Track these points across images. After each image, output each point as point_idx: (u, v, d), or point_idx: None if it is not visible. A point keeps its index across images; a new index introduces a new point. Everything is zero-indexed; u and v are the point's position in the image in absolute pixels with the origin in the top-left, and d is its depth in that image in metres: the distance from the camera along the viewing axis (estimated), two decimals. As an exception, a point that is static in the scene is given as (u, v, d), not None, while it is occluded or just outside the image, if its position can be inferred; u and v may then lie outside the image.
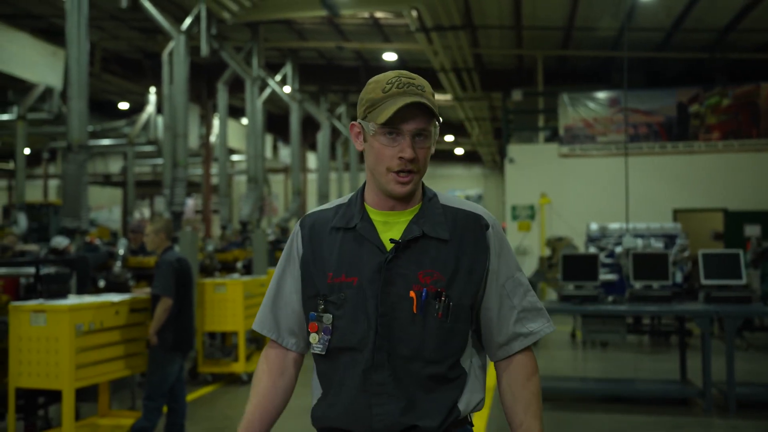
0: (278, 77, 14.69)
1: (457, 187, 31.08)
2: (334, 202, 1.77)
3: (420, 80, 1.64)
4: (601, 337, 7.13)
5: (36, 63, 12.22)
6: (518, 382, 1.70)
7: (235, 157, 21.78)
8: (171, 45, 9.68)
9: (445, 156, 30.07)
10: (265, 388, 1.75)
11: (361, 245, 1.63)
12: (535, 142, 16.05)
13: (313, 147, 21.76)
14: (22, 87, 15.63)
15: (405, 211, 1.66)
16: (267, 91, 13.84)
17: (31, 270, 5.14)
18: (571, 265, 6.81)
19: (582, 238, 11.30)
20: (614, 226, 10.21)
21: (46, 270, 4.93)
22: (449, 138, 25.68)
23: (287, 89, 14.89)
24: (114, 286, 7.04)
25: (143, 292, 5.55)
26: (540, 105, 15.89)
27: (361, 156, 1.91)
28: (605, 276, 9.06)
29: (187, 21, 10.08)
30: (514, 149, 14.80)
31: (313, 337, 1.65)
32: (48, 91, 14.51)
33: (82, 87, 7.00)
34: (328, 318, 1.63)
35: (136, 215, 24.99)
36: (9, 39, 12.03)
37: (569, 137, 14.40)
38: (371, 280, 1.60)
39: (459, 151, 29.15)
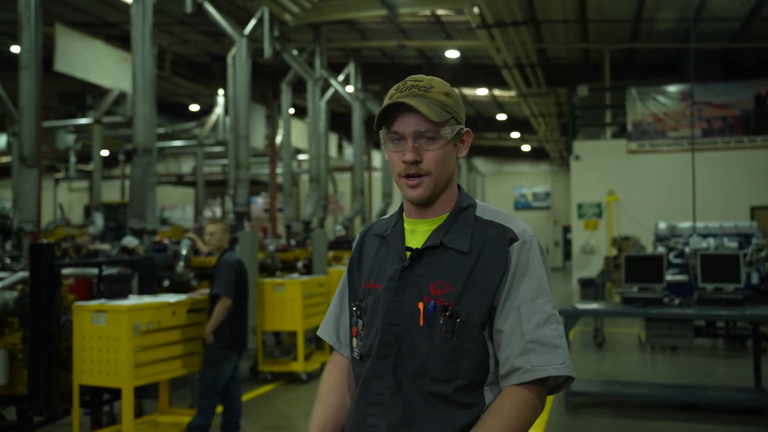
0: (341, 77, 14.79)
1: (524, 185, 30.62)
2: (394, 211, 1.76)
3: (429, 81, 1.58)
4: (666, 341, 6.86)
5: (109, 69, 12.69)
6: (494, 407, 1.49)
7: (301, 157, 22.10)
8: (235, 48, 9.87)
9: (511, 153, 29.66)
10: (324, 411, 1.69)
11: (388, 252, 1.63)
12: (602, 138, 15.61)
13: (377, 146, 21.83)
14: (98, 92, 16.30)
15: (431, 219, 1.61)
16: (330, 91, 13.96)
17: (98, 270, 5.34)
18: (634, 266, 6.57)
19: (651, 237, 10.91)
20: (684, 224, 9.80)
21: (108, 270, 5.10)
22: (515, 135, 25.29)
23: (350, 89, 14.98)
24: (177, 286, 7.23)
25: (200, 293, 5.67)
26: (607, 100, 15.46)
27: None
28: (674, 277, 8.71)
29: (251, 24, 10.27)
30: (580, 146, 14.44)
31: (354, 342, 1.66)
32: (121, 96, 15.08)
33: (147, 91, 7.21)
34: (360, 324, 1.64)
35: (207, 214, 25.68)
36: (85, 46, 12.52)
37: (638, 133, 13.93)
38: (386, 288, 1.57)
39: (526, 147, 28.68)
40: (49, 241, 4.85)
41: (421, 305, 1.52)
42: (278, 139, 17.02)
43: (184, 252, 7.39)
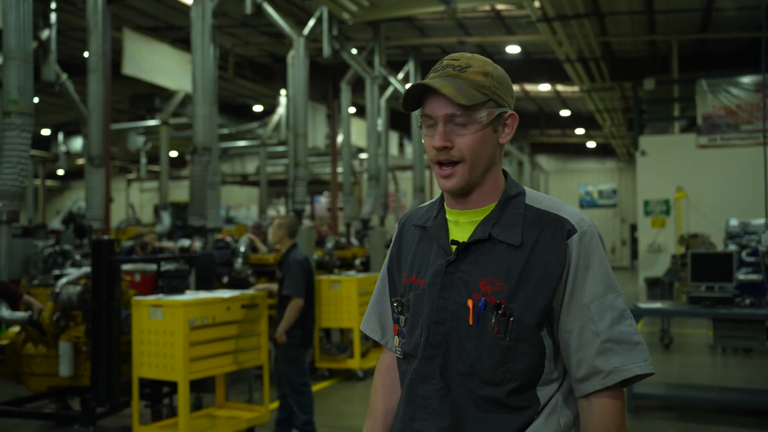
0: (401, 75, 14.76)
1: (589, 182, 29.93)
2: (432, 199, 1.64)
3: (468, 60, 1.47)
4: (736, 343, 6.55)
5: (174, 71, 13.03)
6: (591, 424, 1.42)
7: (362, 156, 22.21)
8: (294, 48, 9.98)
9: (576, 149, 29.04)
10: (377, 411, 1.65)
11: (431, 246, 1.52)
12: (669, 132, 15.09)
13: (438, 143, 21.70)
14: (165, 94, 16.80)
15: (477, 209, 1.49)
16: (390, 90, 13.95)
17: (163, 267, 5.48)
18: (700, 265, 6.30)
19: (722, 234, 10.46)
20: (758, 221, 9.35)
21: (166, 266, 5.22)
22: (580, 131, 24.74)
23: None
24: (236, 282, 7.35)
25: (259, 288, 5.73)
26: (675, 93, 14.93)
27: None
28: (747, 276, 8.31)
29: (310, 23, 10.36)
30: (646, 141, 13.99)
31: (396, 340, 1.56)
32: (187, 97, 15.47)
33: (207, 92, 7.36)
34: (402, 320, 1.54)
35: (271, 213, 26.12)
36: (152, 50, 12.90)
37: (708, 126, 13.39)
38: (431, 284, 1.47)
39: (591, 144, 28.01)
40: (109, 238, 5.00)
41: (470, 302, 1.42)
42: (339, 138, 17.15)
43: (242, 249, 7.51)
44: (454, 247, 1.47)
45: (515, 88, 16.06)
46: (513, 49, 15.40)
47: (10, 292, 5.25)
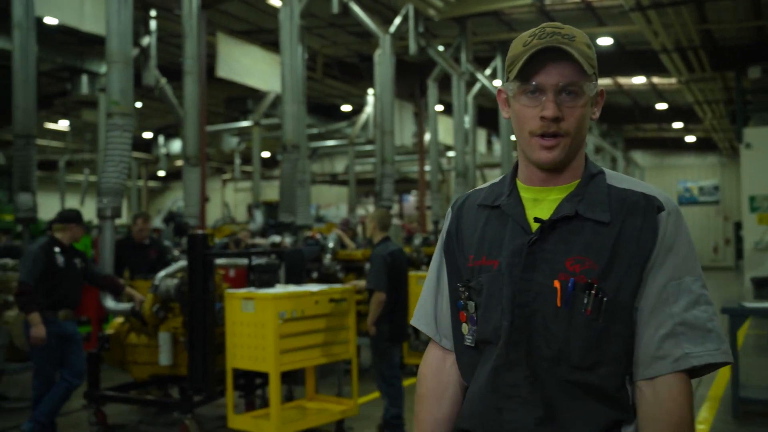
0: (488, 71, 14.60)
1: (688, 178, 28.63)
2: (493, 180, 1.57)
3: (570, 30, 1.40)
4: None
5: (265, 72, 13.40)
6: (658, 418, 1.34)
7: (450, 153, 22.11)
8: (380, 46, 10.05)
9: (674, 144, 27.83)
10: (425, 422, 1.56)
11: (505, 225, 1.44)
12: (777, 123, 14.19)
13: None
14: (257, 96, 17.30)
15: (559, 186, 1.43)
16: (477, 86, 13.82)
17: (254, 261, 5.64)
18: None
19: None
20: None
21: (257, 261, 5.36)
22: (678, 125, 23.69)
23: (497, 83, 14.75)
24: (325, 278, 7.47)
25: (351, 284, 5.80)
26: (784, 81, 14.02)
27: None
28: None
29: (396, 21, 10.40)
30: (751, 133, 13.22)
31: (464, 328, 1.47)
32: (278, 98, 15.87)
33: (296, 91, 7.53)
34: (471, 306, 1.45)
35: (360, 212, 26.41)
36: (244, 53, 13.32)
37: (821, 116, 12.52)
38: (510, 265, 1.38)
39: (690, 138, 26.77)
40: (204, 233, 5.18)
41: (557, 283, 1.34)
42: (426, 136, 17.14)
43: (331, 245, 7.62)
44: (534, 226, 1.40)
45: (608, 81, 15.60)
46: (605, 41, 14.92)
47: (114, 285, 5.55)
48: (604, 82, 18.63)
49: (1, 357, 6.19)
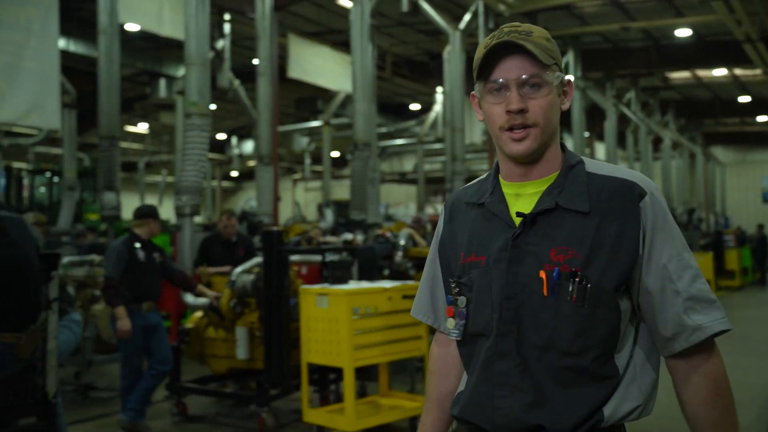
0: (560, 66, 14.32)
1: (773, 174, 27.32)
2: (481, 177, 1.64)
3: (528, 27, 1.46)
4: None
5: (335, 72, 13.55)
6: (699, 397, 1.44)
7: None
8: (449, 43, 10.01)
9: (758, 139, 26.62)
10: (432, 395, 1.69)
11: (490, 221, 1.50)
12: None
13: (600, 137, 20.84)
14: (327, 96, 17.52)
15: (539, 180, 1.48)
16: (548, 81, 13.59)
17: (328, 258, 5.73)
18: None
19: None
20: None
21: (331, 258, 5.43)
22: (762, 118, 22.65)
23: (569, 78, 14.44)
24: (396, 275, 7.49)
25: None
26: None
27: (655, 143, 1.66)
28: None
29: (465, 18, 10.33)
30: (844, 125, 12.51)
31: (450, 322, 1.53)
32: (347, 98, 16.02)
33: (366, 90, 7.58)
34: (462, 301, 1.51)
35: (429, 211, 26.37)
36: (314, 53, 13.53)
37: None
38: (497, 259, 1.45)
39: (775, 132, 25.55)
40: (278, 229, 5.28)
41: (542, 274, 1.40)
42: (496, 133, 16.95)
43: (402, 243, 7.64)
44: (518, 221, 1.45)
45: (686, 74, 15.07)
46: (683, 32, 14.41)
47: (187, 282, 5.70)
48: (683, 74, 18.01)
49: (89, 349, 6.48)
